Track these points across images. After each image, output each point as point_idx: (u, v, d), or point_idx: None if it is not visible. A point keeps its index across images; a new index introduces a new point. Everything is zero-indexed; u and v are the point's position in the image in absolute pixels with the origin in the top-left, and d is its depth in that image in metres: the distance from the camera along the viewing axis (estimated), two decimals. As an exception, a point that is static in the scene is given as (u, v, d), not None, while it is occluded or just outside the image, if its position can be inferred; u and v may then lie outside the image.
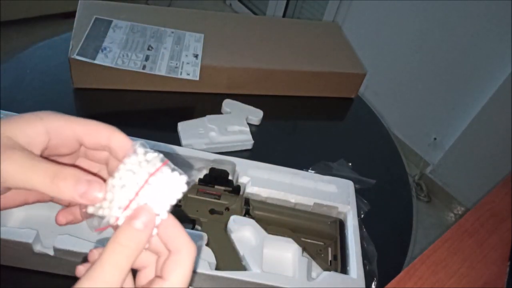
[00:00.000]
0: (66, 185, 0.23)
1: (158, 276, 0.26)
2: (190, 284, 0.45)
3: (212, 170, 0.56)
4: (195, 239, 0.46)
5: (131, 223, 0.24)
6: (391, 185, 0.70)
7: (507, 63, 1.36)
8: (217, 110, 0.72)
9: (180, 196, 0.25)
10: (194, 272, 0.44)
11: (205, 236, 0.47)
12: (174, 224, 0.26)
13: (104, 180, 0.25)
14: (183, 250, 0.25)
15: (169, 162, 0.25)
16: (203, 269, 0.44)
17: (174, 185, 0.25)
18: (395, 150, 0.78)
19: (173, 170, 0.25)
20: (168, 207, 0.25)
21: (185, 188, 0.25)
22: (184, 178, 0.25)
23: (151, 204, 0.25)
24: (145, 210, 0.25)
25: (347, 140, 0.78)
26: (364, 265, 0.50)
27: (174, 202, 0.25)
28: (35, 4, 1.90)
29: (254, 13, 2.42)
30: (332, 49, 0.85)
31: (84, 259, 0.35)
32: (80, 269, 0.25)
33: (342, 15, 1.85)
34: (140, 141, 0.26)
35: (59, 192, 0.23)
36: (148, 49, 0.71)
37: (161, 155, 0.26)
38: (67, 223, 0.30)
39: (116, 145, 0.27)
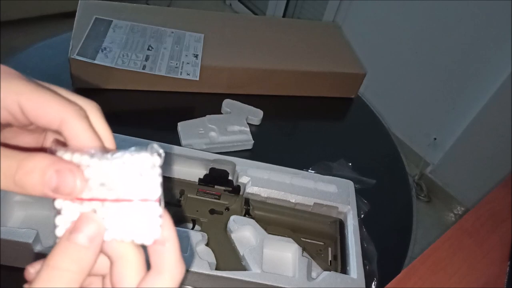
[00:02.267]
0: (32, 180, 0.18)
1: None
2: (190, 284, 0.45)
3: (212, 170, 0.56)
4: (195, 239, 0.46)
5: (71, 238, 0.19)
6: (391, 185, 0.70)
7: (507, 63, 1.36)
8: (217, 110, 0.72)
9: (141, 241, 0.20)
10: (195, 272, 0.44)
11: (205, 236, 0.47)
12: (164, 240, 0.20)
13: None
14: (166, 273, 0.20)
15: (161, 202, 0.20)
16: (203, 269, 0.44)
17: (145, 228, 0.20)
18: (395, 150, 0.78)
19: (157, 214, 0.20)
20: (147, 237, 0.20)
21: (150, 242, 0.20)
22: (157, 232, 0.20)
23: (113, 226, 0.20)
24: (89, 219, 0.19)
25: (347, 140, 0.78)
26: (364, 265, 0.50)
27: (132, 238, 0.20)
28: (35, 4, 1.90)
29: (254, 13, 2.42)
30: (332, 49, 0.85)
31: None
32: None
33: (342, 15, 1.85)
34: (155, 145, 0.20)
35: (25, 191, 0.19)
36: (148, 49, 0.71)
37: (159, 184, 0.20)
38: None
39: (70, 135, 0.20)
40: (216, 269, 0.45)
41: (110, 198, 0.19)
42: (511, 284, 0.52)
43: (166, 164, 0.57)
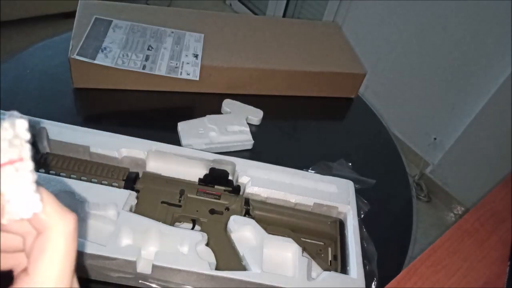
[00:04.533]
0: None
1: (24, 271, 0.19)
2: (190, 284, 0.45)
3: (212, 170, 0.56)
4: (195, 239, 0.46)
5: None
6: (391, 185, 0.70)
7: (507, 63, 1.36)
8: (217, 110, 0.72)
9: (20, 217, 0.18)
10: (194, 272, 0.44)
11: (205, 236, 0.47)
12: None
13: None
14: (50, 227, 0.18)
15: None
16: (203, 269, 0.44)
17: (21, 201, 0.17)
18: (395, 150, 0.78)
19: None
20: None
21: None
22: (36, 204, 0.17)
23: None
24: None
25: (347, 140, 0.78)
26: (364, 265, 0.50)
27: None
28: (35, 4, 1.90)
29: (254, 13, 2.42)
30: (332, 49, 0.85)
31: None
32: None
33: (342, 15, 1.85)
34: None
35: None
36: (148, 49, 0.71)
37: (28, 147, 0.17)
38: None
39: None
40: (216, 269, 0.45)
41: None
42: (511, 284, 0.52)
43: (166, 164, 0.57)
